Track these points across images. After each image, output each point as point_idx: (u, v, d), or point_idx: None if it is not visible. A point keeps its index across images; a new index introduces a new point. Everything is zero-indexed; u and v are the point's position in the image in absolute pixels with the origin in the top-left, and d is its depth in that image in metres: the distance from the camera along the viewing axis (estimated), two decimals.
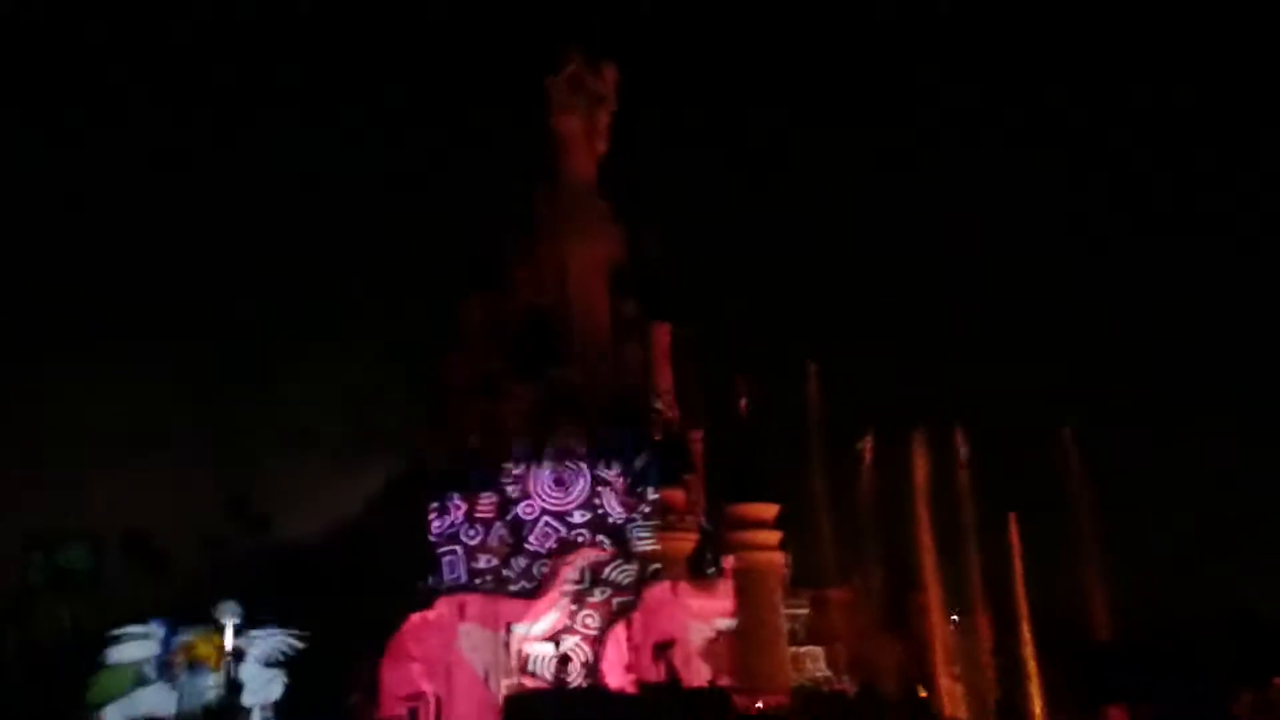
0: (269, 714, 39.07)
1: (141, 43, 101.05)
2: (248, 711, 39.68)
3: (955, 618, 51.81)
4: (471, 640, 44.91)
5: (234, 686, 38.10)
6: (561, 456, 48.90)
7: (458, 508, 47.50)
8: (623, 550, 46.74)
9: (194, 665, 39.28)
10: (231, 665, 38.62)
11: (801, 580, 52.03)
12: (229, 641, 39.95)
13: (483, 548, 47.05)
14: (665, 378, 54.35)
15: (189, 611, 45.04)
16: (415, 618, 44.23)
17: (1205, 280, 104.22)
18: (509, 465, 49.66)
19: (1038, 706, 50.18)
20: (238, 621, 40.09)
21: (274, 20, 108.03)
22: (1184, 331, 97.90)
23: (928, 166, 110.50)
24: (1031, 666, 50.72)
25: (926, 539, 51.33)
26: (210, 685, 38.49)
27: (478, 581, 45.78)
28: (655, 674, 43.38)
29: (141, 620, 46.21)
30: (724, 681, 45.49)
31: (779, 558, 50.53)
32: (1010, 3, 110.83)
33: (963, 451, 52.99)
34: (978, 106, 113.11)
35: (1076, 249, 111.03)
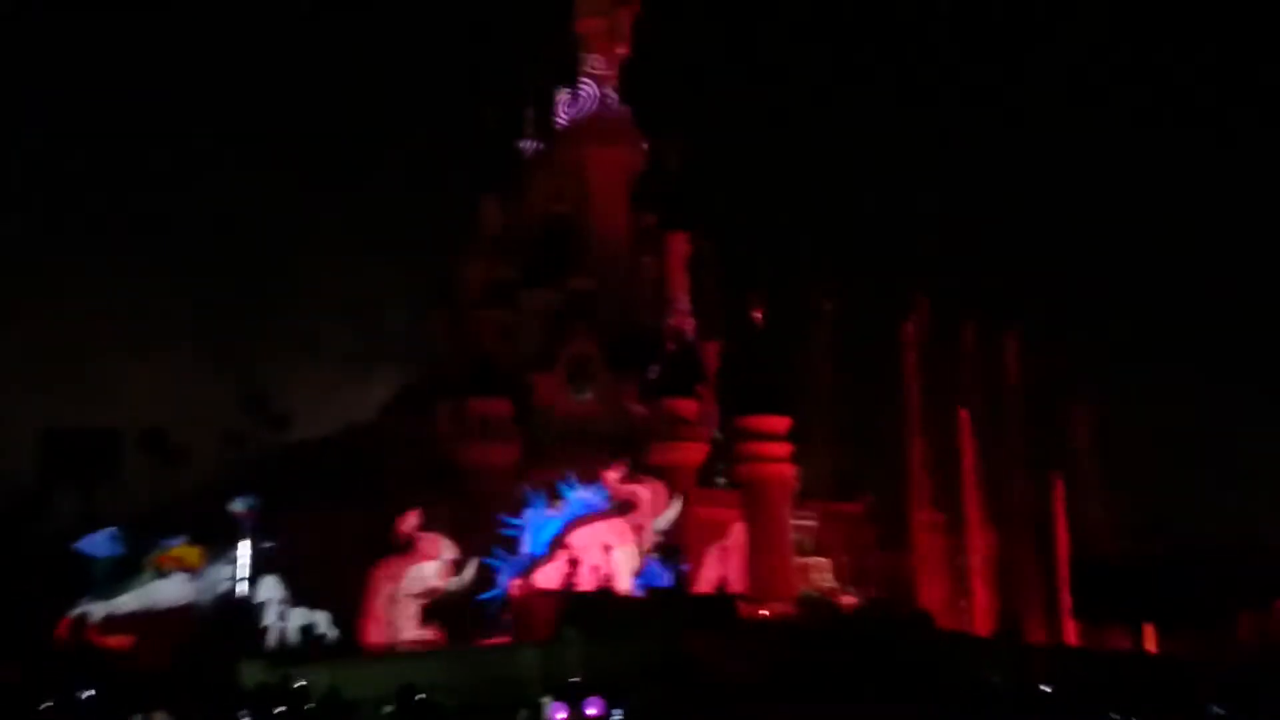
0: (285, 608, 40.00)
1: None
2: (263, 605, 40.65)
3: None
4: (488, 544, 45.47)
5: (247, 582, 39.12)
6: (576, 365, 49.03)
7: (472, 411, 47.83)
8: (633, 458, 47.04)
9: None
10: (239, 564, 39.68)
11: (811, 493, 52.33)
12: (244, 549, 40.90)
13: (495, 452, 47.44)
14: (681, 288, 54.10)
15: (205, 505, 45.98)
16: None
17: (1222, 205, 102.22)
18: (524, 372, 49.94)
19: (1041, 623, 50.78)
20: (249, 507, 41.01)
21: None
22: (1197, 263, 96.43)
23: (950, 81, 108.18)
24: (1034, 583, 51.22)
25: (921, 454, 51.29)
26: (226, 578, 39.56)
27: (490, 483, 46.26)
28: (662, 580, 43.96)
29: (160, 514, 47.31)
30: (730, 589, 46.16)
31: (789, 470, 50.72)
32: None
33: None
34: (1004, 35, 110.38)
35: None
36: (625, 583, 43.70)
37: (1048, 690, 35.74)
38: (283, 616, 39.98)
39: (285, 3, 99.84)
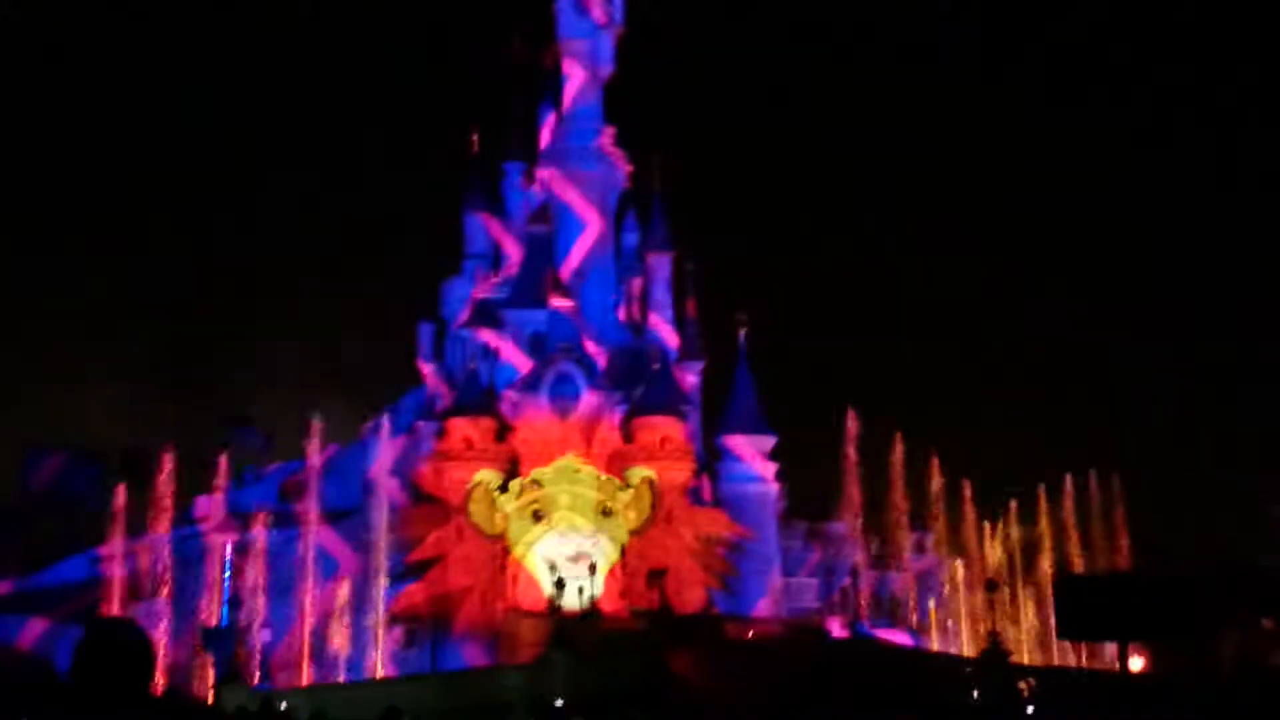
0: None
1: None
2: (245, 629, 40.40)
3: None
4: (471, 564, 45.31)
5: (235, 603, 38.79)
6: (560, 384, 48.90)
7: (455, 432, 47.73)
8: (619, 478, 46.95)
9: None
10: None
11: (798, 512, 52.32)
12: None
13: (480, 470, 47.24)
14: (665, 307, 54.21)
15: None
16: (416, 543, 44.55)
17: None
18: (507, 391, 49.86)
19: (1027, 640, 50.78)
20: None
21: None
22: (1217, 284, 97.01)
23: (939, 101, 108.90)
24: (1019, 600, 51.29)
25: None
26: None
27: (475, 507, 46.07)
28: (648, 601, 43.81)
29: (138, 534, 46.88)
30: (716, 610, 46.02)
31: (774, 489, 50.75)
32: None
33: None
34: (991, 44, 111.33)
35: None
36: (611, 603, 43.59)
37: (1031, 711, 35.64)
38: None
39: (266, 18, 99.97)
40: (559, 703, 33.28)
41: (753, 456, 50.97)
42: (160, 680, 37.59)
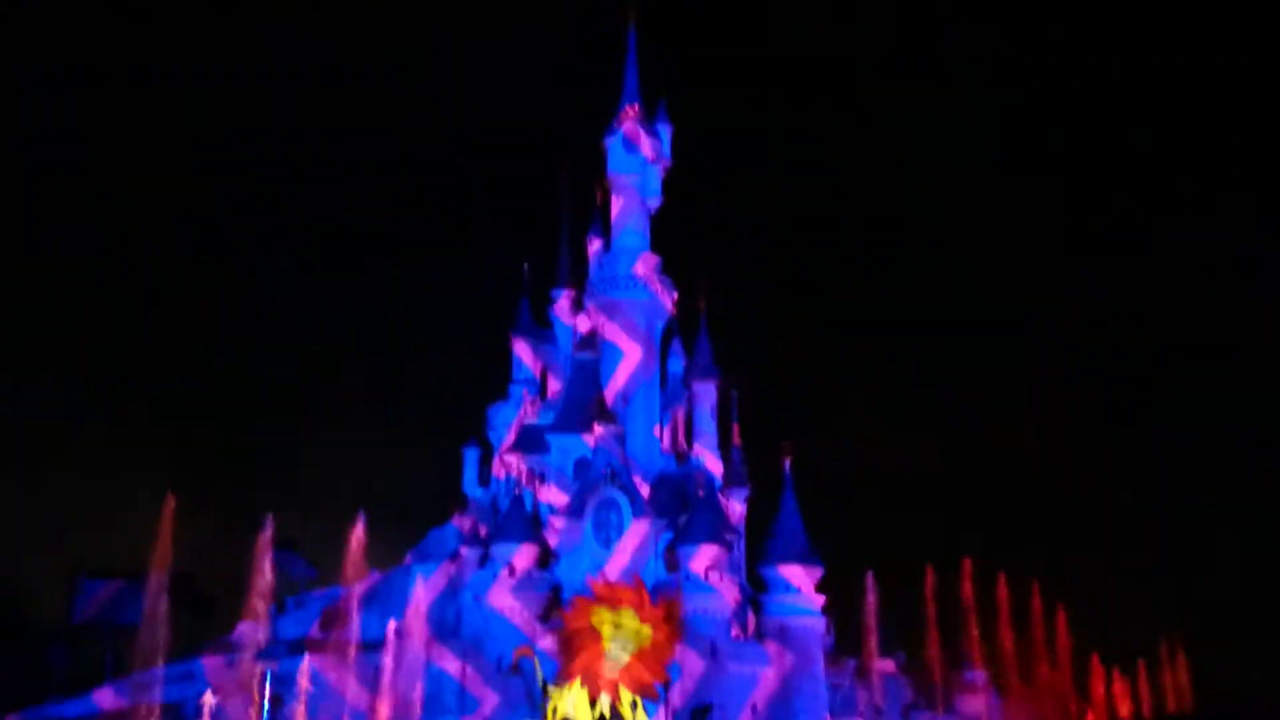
0: None
1: None
2: None
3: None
4: (508, 696, 44.52)
5: None
6: (603, 511, 48.63)
7: (497, 560, 47.45)
8: (663, 607, 46.15)
9: None
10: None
11: (845, 648, 50.94)
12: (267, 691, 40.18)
13: (521, 601, 46.76)
14: (710, 435, 54.11)
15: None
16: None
17: None
18: (551, 518, 49.62)
19: None
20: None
21: None
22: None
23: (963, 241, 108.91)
24: None
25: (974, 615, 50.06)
26: None
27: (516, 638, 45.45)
28: None
29: (183, 659, 46.70)
30: None
31: (820, 623, 49.57)
32: None
33: None
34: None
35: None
36: None
37: None
38: None
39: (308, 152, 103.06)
40: None
41: (800, 587, 49.92)
42: None
